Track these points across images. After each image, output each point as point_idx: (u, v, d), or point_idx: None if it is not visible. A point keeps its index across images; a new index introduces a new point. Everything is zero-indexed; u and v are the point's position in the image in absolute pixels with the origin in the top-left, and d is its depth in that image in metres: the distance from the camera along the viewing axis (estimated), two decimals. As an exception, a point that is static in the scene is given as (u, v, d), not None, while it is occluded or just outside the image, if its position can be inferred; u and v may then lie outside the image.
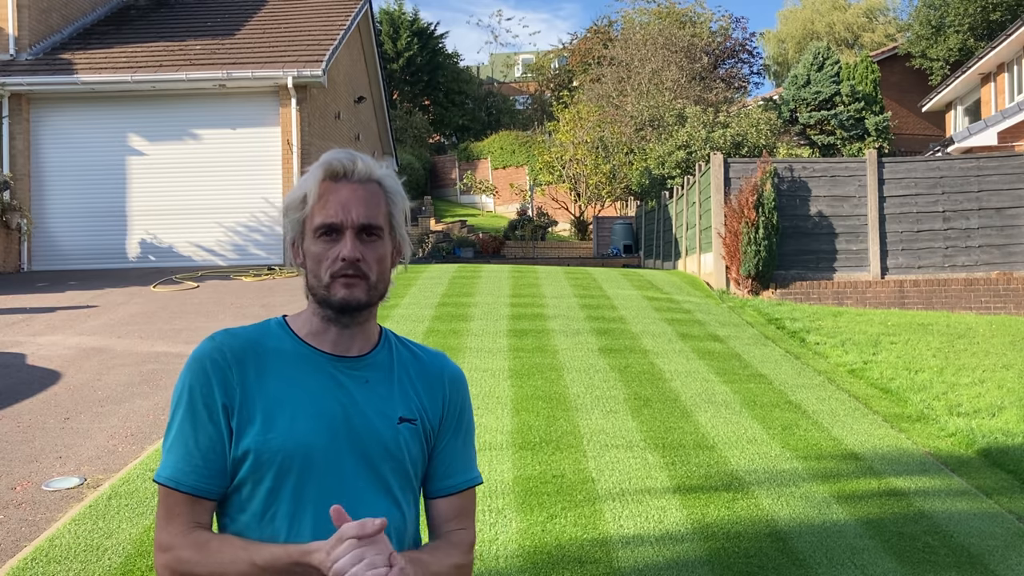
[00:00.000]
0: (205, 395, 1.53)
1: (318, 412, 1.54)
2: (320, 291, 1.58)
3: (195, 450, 1.52)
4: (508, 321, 9.53)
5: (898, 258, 13.73)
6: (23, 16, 16.21)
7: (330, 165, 1.59)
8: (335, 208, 1.56)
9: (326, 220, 1.56)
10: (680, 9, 35.77)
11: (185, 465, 1.52)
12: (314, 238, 1.58)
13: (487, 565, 3.94)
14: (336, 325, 1.60)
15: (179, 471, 1.52)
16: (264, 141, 15.86)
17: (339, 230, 1.56)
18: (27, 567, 3.83)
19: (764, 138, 22.09)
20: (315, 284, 1.59)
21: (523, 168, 39.07)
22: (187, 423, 1.53)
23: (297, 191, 1.61)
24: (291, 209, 1.62)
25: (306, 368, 1.58)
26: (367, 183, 1.60)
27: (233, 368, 1.54)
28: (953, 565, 4.15)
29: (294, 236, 1.63)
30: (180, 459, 1.52)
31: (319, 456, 1.53)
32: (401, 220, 1.64)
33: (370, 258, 1.57)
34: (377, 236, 1.59)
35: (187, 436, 1.53)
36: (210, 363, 1.54)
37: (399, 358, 1.67)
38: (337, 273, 1.56)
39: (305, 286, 1.63)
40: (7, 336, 8.98)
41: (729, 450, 5.63)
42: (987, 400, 7.38)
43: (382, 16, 43.25)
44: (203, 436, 1.52)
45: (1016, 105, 17.89)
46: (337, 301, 1.57)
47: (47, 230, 15.77)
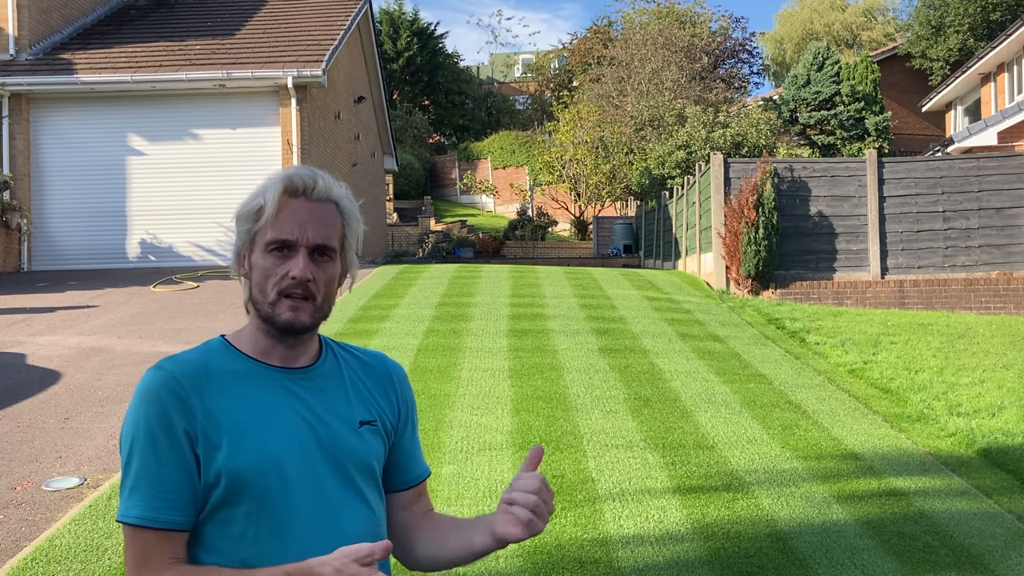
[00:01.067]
0: (165, 425, 1.46)
1: (283, 428, 1.53)
2: (265, 307, 1.55)
3: (165, 483, 1.46)
4: (508, 321, 9.53)
5: (898, 258, 13.73)
6: (23, 16, 16.21)
7: (291, 180, 1.56)
8: (291, 225, 1.53)
9: (281, 236, 1.53)
10: (680, 9, 35.78)
11: (156, 501, 1.45)
12: (265, 252, 1.54)
13: (487, 565, 3.94)
14: (281, 344, 1.58)
15: (150, 508, 1.45)
16: (264, 141, 15.87)
17: (292, 247, 1.53)
18: (27, 567, 3.83)
19: (764, 138, 22.09)
20: (259, 299, 1.56)
21: (523, 168, 39.09)
22: (150, 456, 1.46)
23: (252, 202, 1.57)
24: (244, 219, 1.57)
25: (262, 385, 1.55)
26: (325, 202, 1.57)
27: (191, 395, 1.48)
28: (953, 565, 4.15)
29: (241, 247, 1.58)
30: (149, 495, 1.45)
31: (293, 471, 1.51)
32: (353, 242, 1.62)
33: (320, 279, 1.55)
34: (329, 257, 1.57)
35: (152, 470, 1.45)
36: (165, 392, 1.48)
37: (345, 363, 1.68)
38: (284, 291, 1.53)
39: (247, 299, 1.59)
40: (7, 336, 8.98)
41: (729, 450, 5.63)
42: (987, 400, 7.38)
43: (382, 16, 43.25)
44: (170, 467, 1.46)
45: (1016, 105, 17.89)
46: (282, 323, 1.54)
47: (47, 230, 15.77)
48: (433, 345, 8.27)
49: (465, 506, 4.55)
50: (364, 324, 9.27)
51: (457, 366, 7.49)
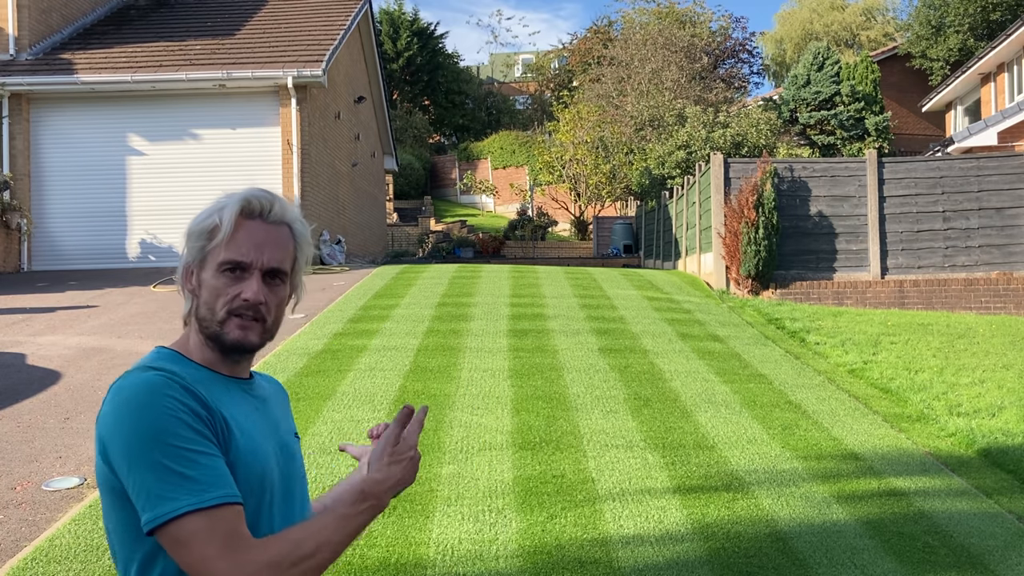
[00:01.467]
0: (191, 413, 1.42)
1: (260, 431, 1.56)
2: (212, 326, 1.54)
3: (216, 463, 1.41)
4: (508, 321, 9.53)
5: (898, 258, 13.73)
6: (23, 16, 16.21)
7: (248, 201, 1.56)
8: (247, 247, 1.54)
9: (236, 257, 1.53)
10: (680, 9, 35.79)
11: (220, 478, 1.40)
12: (217, 271, 1.54)
13: (487, 565, 3.94)
14: (226, 356, 1.58)
15: (220, 485, 1.39)
16: (264, 141, 15.87)
17: (246, 269, 1.54)
18: (27, 567, 3.84)
19: (764, 138, 22.10)
20: (207, 316, 1.54)
21: (523, 168, 39.09)
22: (191, 442, 1.40)
23: (206, 220, 1.56)
24: (196, 236, 1.56)
25: (227, 391, 1.55)
26: (279, 225, 1.59)
27: (196, 390, 1.47)
28: (953, 565, 4.15)
29: (191, 262, 1.57)
30: (211, 475, 1.39)
31: (275, 473, 1.55)
32: (303, 265, 1.64)
33: (271, 302, 1.56)
34: (281, 280, 1.58)
35: (199, 453, 1.40)
36: (176, 387, 1.44)
37: (261, 379, 1.72)
38: (235, 311, 1.53)
39: (190, 314, 1.58)
40: (7, 336, 8.98)
41: (729, 450, 5.64)
42: (987, 400, 7.38)
43: (382, 16, 43.26)
44: (212, 448, 1.42)
45: (1016, 105, 17.89)
46: (230, 342, 1.54)
47: (47, 230, 15.77)
48: (433, 345, 8.27)
49: (465, 506, 4.55)
50: (364, 324, 9.27)
51: (457, 366, 7.49)
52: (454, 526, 4.32)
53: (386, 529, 4.25)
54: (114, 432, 1.42)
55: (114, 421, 1.42)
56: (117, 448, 1.41)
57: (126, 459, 1.39)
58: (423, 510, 4.50)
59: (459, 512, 4.48)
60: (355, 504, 1.50)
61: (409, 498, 4.63)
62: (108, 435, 1.43)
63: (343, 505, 1.50)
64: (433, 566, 3.92)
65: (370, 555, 3.98)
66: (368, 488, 1.51)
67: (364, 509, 1.50)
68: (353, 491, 1.51)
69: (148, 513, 1.37)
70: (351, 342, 8.36)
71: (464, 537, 4.20)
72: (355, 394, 6.57)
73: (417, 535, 4.21)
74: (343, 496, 1.54)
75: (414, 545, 4.11)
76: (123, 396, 1.44)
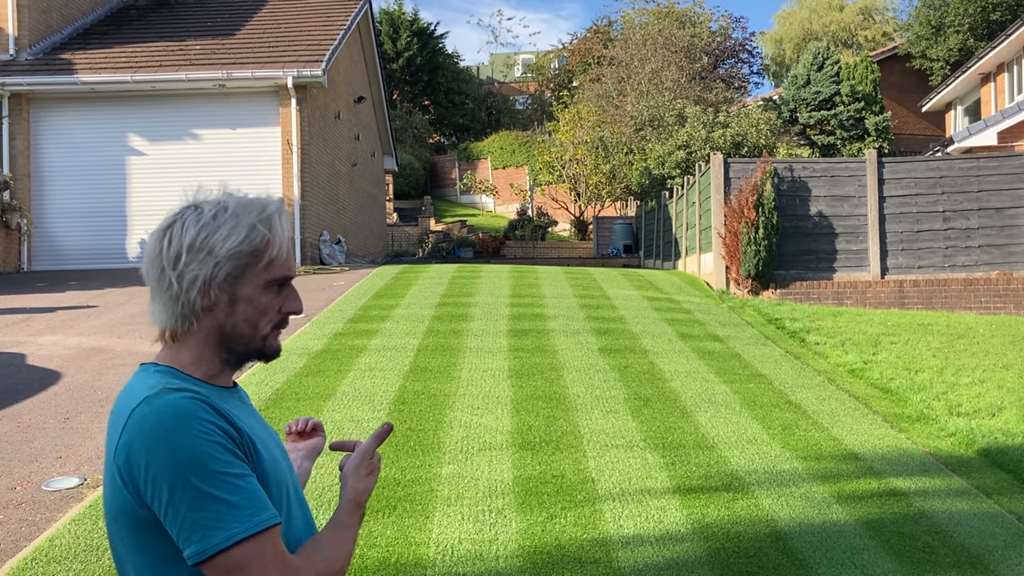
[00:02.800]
0: (225, 436, 1.41)
1: (269, 439, 1.57)
2: (256, 342, 1.52)
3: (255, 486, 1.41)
4: (508, 321, 9.53)
5: (898, 258, 13.73)
6: (23, 16, 16.21)
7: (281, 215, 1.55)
8: (291, 261, 1.55)
9: (287, 273, 1.54)
10: (680, 9, 35.79)
11: (261, 500, 1.40)
12: (263, 288, 1.50)
13: (487, 565, 3.94)
14: (232, 368, 1.55)
15: (266, 507, 1.39)
16: (264, 141, 15.87)
17: (287, 282, 1.56)
18: (27, 567, 3.83)
19: (764, 138, 22.09)
20: (248, 333, 1.51)
21: (523, 168, 39.10)
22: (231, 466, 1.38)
23: (251, 239, 1.48)
24: (238, 255, 1.48)
25: (235, 405, 1.54)
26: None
27: (218, 407, 1.44)
28: (953, 565, 4.15)
29: (218, 278, 1.48)
30: (254, 498, 1.38)
31: (289, 477, 1.58)
32: None
33: None
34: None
35: (238, 476, 1.39)
36: (205, 410, 1.41)
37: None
38: (278, 324, 1.55)
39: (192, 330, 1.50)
40: (7, 336, 8.98)
41: (729, 450, 5.63)
42: (987, 400, 7.38)
43: (382, 16, 43.26)
44: (247, 471, 1.41)
45: (1016, 105, 17.89)
46: (273, 352, 1.56)
47: (47, 230, 15.77)
48: (433, 345, 8.27)
49: (465, 506, 4.55)
50: (364, 324, 9.27)
51: (457, 366, 7.49)
52: (454, 526, 4.32)
53: (386, 529, 4.25)
54: (147, 462, 1.36)
55: (145, 450, 1.36)
56: (150, 479, 1.36)
57: (164, 489, 1.35)
58: (423, 510, 4.50)
59: (459, 512, 4.48)
60: (352, 515, 1.59)
61: (409, 498, 4.63)
62: (137, 466, 1.37)
63: (344, 516, 1.58)
64: (433, 566, 3.92)
65: (370, 555, 3.98)
66: (357, 498, 1.60)
67: (358, 518, 1.60)
68: (347, 503, 1.59)
69: (196, 545, 1.34)
70: (351, 342, 8.36)
71: (464, 537, 4.20)
72: (355, 394, 6.57)
73: (417, 535, 4.21)
74: (339, 509, 1.59)
75: (414, 545, 4.11)
76: (151, 423, 1.37)
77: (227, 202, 1.53)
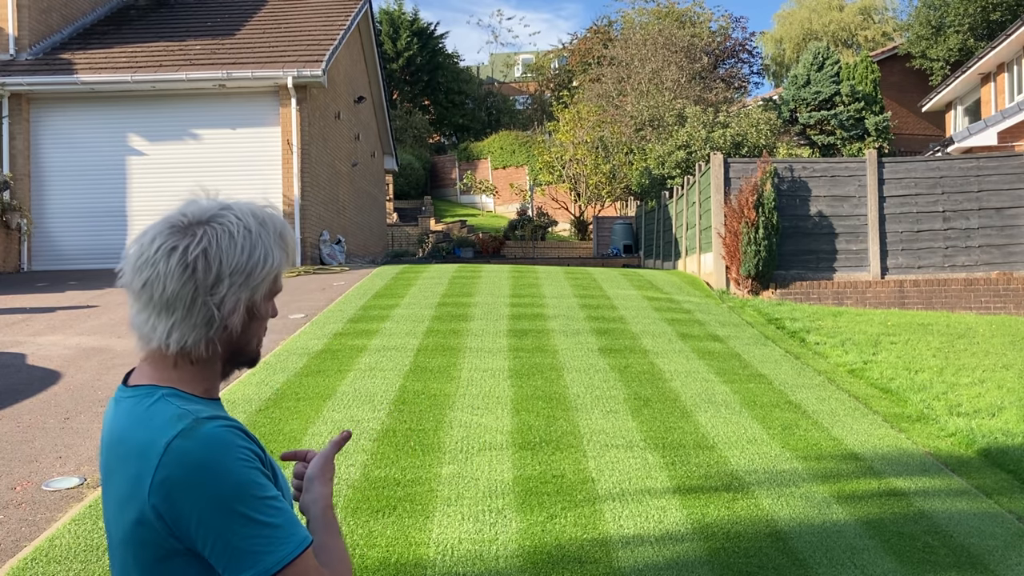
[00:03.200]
0: (261, 465, 1.44)
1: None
2: (252, 351, 1.57)
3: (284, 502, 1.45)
4: (508, 321, 9.53)
5: (898, 258, 13.73)
6: (23, 16, 16.21)
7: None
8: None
9: (281, 283, 1.59)
10: (680, 9, 35.79)
11: (295, 520, 1.44)
12: (266, 301, 1.57)
13: (487, 565, 3.94)
14: (225, 379, 1.59)
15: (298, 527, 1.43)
16: (264, 141, 15.87)
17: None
18: (27, 567, 3.83)
19: (764, 138, 22.09)
20: (254, 347, 1.58)
21: (523, 168, 39.10)
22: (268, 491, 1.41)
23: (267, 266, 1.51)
24: (272, 277, 1.53)
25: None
26: None
27: (248, 433, 1.49)
28: (953, 565, 4.15)
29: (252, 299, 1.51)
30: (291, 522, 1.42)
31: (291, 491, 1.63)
32: None
33: None
34: None
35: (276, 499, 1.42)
36: (243, 439, 1.43)
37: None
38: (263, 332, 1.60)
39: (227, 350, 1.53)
40: (7, 336, 8.98)
41: (729, 450, 5.63)
42: (987, 400, 7.38)
43: (382, 16, 43.27)
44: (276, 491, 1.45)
45: (1016, 105, 17.89)
46: (258, 357, 1.60)
47: (47, 230, 15.77)
48: (433, 345, 8.27)
49: (465, 506, 4.55)
50: (364, 324, 9.27)
51: (457, 366, 7.49)
52: (454, 526, 4.32)
53: (386, 529, 4.25)
54: (195, 499, 1.36)
55: (192, 487, 1.37)
56: (198, 515, 1.36)
57: (213, 524, 1.36)
58: (423, 510, 4.50)
59: (459, 512, 4.48)
60: (333, 518, 1.59)
61: (409, 498, 4.63)
62: (182, 503, 1.37)
63: (330, 519, 1.58)
64: (433, 566, 3.92)
65: (370, 555, 3.98)
66: (326, 500, 1.60)
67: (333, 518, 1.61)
68: (325, 508, 1.59)
69: (247, 572, 1.36)
70: (351, 342, 8.36)
71: (464, 537, 4.20)
72: (355, 394, 6.57)
73: (417, 535, 4.21)
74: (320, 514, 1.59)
75: (414, 545, 4.11)
76: (196, 459, 1.37)
77: (245, 219, 1.51)
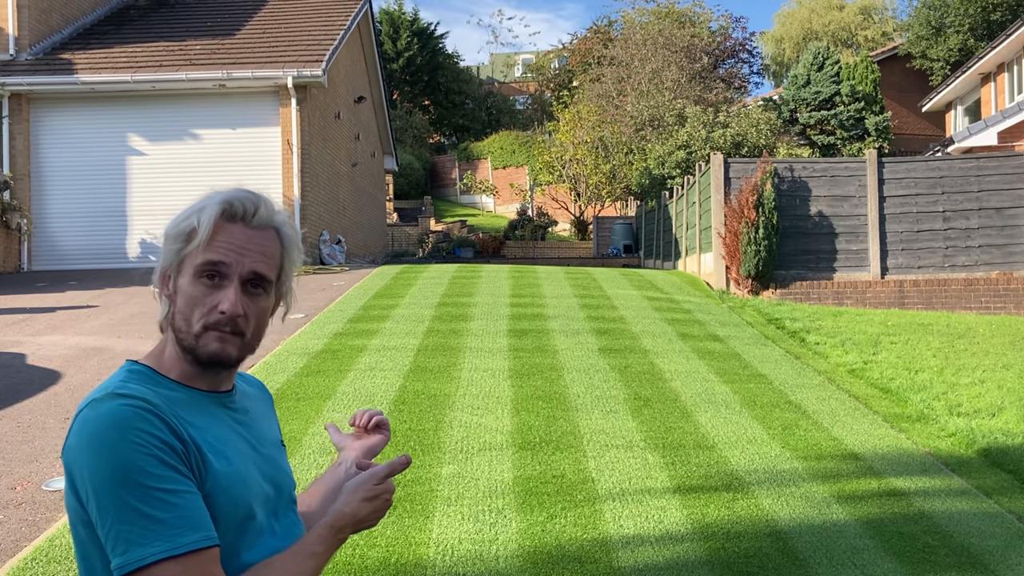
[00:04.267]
0: (165, 447, 1.33)
1: (240, 453, 1.47)
2: (188, 339, 1.43)
3: (193, 501, 1.34)
4: (508, 321, 9.53)
5: (898, 258, 13.73)
6: (23, 16, 16.21)
7: (230, 203, 1.45)
8: (226, 250, 1.43)
9: (213, 258, 1.42)
10: (680, 9, 35.79)
11: (195, 520, 1.32)
12: (194, 278, 1.43)
13: (487, 565, 3.94)
14: (204, 370, 1.47)
15: (197, 527, 1.32)
16: (264, 141, 15.87)
17: (224, 275, 1.43)
18: (27, 567, 3.83)
19: (764, 138, 22.09)
20: (182, 327, 1.44)
21: (523, 168, 39.10)
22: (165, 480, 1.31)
23: (184, 221, 1.45)
24: (174, 239, 1.45)
25: (204, 411, 1.46)
26: (265, 229, 1.48)
27: (171, 418, 1.37)
28: (953, 565, 4.15)
29: (167, 266, 1.46)
30: (187, 517, 1.31)
31: (259, 496, 1.48)
32: (291, 272, 1.52)
33: (251, 314, 1.45)
34: (264, 290, 1.47)
35: (172, 492, 1.32)
36: (148, 418, 1.34)
37: (243, 383, 1.63)
38: (211, 324, 1.42)
39: (165, 321, 1.47)
40: (7, 336, 8.98)
41: (729, 450, 5.63)
42: (987, 400, 7.38)
43: (382, 16, 43.28)
44: (187, 485, 1.34)
45: (1016, 105, 17.89)
46: (206, 356, 1.44)
47: (47, 230, 15.77)
48: (433, 345, 8.27)
49: (465, 506, 4.55)
50: (364, 324, 9.27)
51: (457, 366, 7.49)
52: (454, 526, 4.32)
53: (386, 529, 4.25)
54: (81, 467, 1.33)
55: (80, 456, 1.33)
56: (85, 484, 1.32)
57: (94, 498, 1.31)
58: (423, 510, 4.50)
59: (459, 512, 4.48)
60: (323, 541, 1.45)
61: (409, 498, 4.63)
62: (76, 469, 1.34)
63: (314, 542, 1.45)
64: (433, 566, 3.92)
65: (370, 555, 3.98)
66: (336, 522, 1.46)
67: (333, 544, 1.46)
68: (323, 527, 1.46)
69: (118, 558, 1.29)
70: (351, 342, 8.36)
71: (464, 537, 4.20)
72: (355, 394, 6.57)
73: (417, 535, 4.21)
74: (312, 531, 1.48)
75: (414, 545, 4.11)
76: (89, 430, 1.33)
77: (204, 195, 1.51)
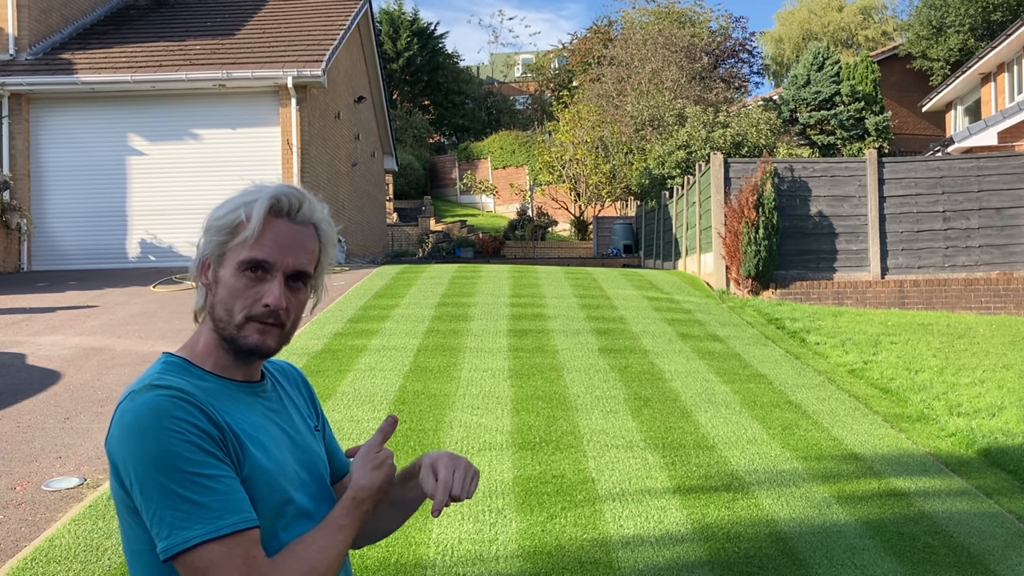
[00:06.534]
0: (203, 434, 1.39)
1: (273, 439, 1.52)
2: (229, 328, 1.49)
3: (233, 485, 1.39)
4: (508, 321, 9.53)
5: (898, 258, 13.73)
6: (23, 16, 16.21)
7: (278, 199, 1.51)
8: (272, 247, 1.49)
9: (259, 256, 1.48)
10: (680, 9, 35.79)
11: (236, 502, 1.38)
12: (238, 271, 1.48)
13: (487, 565, 3.94)
14: (240, 360, 1.53)
15: (238, 509, 1.37)
16: (264, 141, 15.87)
17: (269, 270, 1.49)
18: (27, 567, 3.83)
19: (764, 138, 22.09)
20: (224, 317, 1.49)
21: (523, 168, 39.11)
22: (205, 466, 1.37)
23: (232, 214, 1.50)
24: (217, 231, 1.50)
25: (240, 401, 1.52)
26: (306, 225, 1.55)
27: (208, 407, 1.43)
28: (953, 565, 4.15)
29: (208, 256, 1.51)
30: (227, 500, 1.37)
31: (295, 481, 1.52)
32: (326, 266, 1.59)
33: (291, 307, 1.52)
34: (303, 284, 1.54)
35: (212, 477, 1.38)
36: (185, 407, 1.40)
37: (273, 371, 1.68)
38: (254, 316, 1.48)
39: (204, 310, 1.53)
40: (7, 336, 8.98)
41: (729, 450, 5.63)
42: (987, 400, 7.38)
43: (382, 16, 43.28)
44: (226, 470, 1.40)
45: (1016, 105, 17.89)
46: (248, 347, 1.49)
47: (47, 230, 15.77)
48: (433, 345, 8.27)
49: (465, 506, 4.55)
50: (364, 324, 9.27)
51: (457, 366, 7.49)
52: (454, 526, 4.32)
53: (386, 529, 4.25)
54: (124, 456, 1.39)
55: (121, 445, 1.39)
56: (128, 472, 1.39)
57: (137, 485, 1.37)
58: (423, 510, 4.50)
59: (459, 512, 4.48)
60: (349, 513, 1.51)
61: (409, 498, 4.62)
62: (118, 458, 1.40)
63: (340, 515, 1.50)
64: (433, 566, 3.92)
65: (370, 555, 3.98)
66: (358, 495, 1.52)
67: (357, 516, 1.51)
68: (346, 500, 1.52)
69: (163, 542, 1.35)
70: (351, 342, 8.36)
71: (464, 537, 4.20)
72: (355, 394, 6.57)
73: (417, 535, 4.21)
74: (336, 507, 1.53)
75: (414, 545, 4.11)
76: (128, 420, 1.39)
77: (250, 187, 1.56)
